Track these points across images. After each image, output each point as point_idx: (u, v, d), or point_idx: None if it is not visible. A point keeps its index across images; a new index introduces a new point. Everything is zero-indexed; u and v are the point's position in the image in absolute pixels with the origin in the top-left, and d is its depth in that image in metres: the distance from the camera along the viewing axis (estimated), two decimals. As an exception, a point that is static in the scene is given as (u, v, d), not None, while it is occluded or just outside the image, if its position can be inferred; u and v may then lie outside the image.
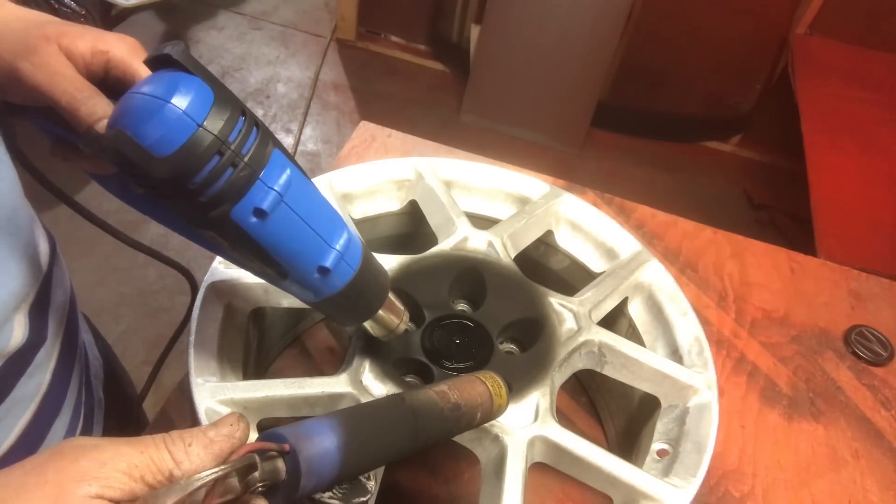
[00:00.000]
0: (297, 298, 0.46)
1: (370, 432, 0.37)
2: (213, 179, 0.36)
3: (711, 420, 0.54)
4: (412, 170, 0.71)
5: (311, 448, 0.33)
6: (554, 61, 2.46)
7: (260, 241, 0.39)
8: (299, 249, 0.41)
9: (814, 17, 2.38)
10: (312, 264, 0.43)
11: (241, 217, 0.38)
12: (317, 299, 0.45)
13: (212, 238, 0.40)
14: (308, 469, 0.33)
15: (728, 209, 2.55)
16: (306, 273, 0.43)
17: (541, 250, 0.73)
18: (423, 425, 0.39)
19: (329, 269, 0.43)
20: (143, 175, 0.35)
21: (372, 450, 0.36)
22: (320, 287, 0.44)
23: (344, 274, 0.44)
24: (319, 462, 0.34)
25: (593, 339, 0.57)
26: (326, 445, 0.34)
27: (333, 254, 0.43)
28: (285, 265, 0.41)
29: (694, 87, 2.67)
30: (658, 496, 0.49)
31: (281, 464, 0.32)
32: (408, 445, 0.39)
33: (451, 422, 0.40)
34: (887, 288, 0.86)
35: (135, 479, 0.28)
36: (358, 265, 0.45)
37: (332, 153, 2.48)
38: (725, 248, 0.87)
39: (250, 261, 0.42)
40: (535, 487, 0.63)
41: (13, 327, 0.47)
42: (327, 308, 0.47)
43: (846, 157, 1.85)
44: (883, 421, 0.72)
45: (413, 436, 0.38)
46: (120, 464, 0.28)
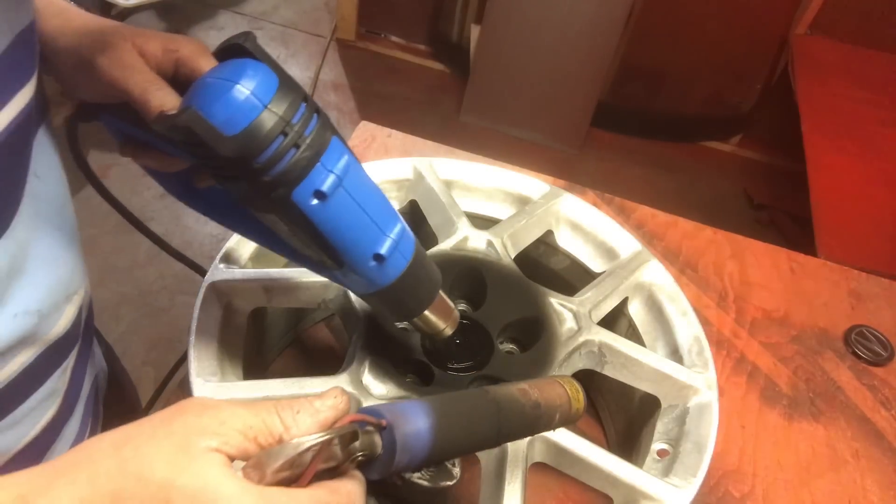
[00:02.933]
0: (351, 290, 0.48)
1: (457, 419, 0.38)
2: (277, 159, 0.37)
3: (711, 420, 0.54)
4: (412, 170, 0.71)
5: (406, 426, 0.35)
6: (554, 61, 2.46)
7: (318, 225, 0.40)
8: (356, 235, 0.42)
9: (814, 17, 2.38)
10: (368, 251, 0.43)
11: (301, 198, 0.39)
12: (371, 290, 0.46)
13: (273, 224, 0.41)
14: (403, 445, 0.34)
15: (728, 209, 2.55)
16: (362, 260, 0.44)
17: (541, 250, 0.73)
18: (505, 419, 0.40)
19: (384, 256, 0.44)
20: (212, 154, 0.37)
21: (459, 436, 0.37)
22: (375, 276, 0.45)
23: (398, 264, 0.45)
24: (413, 440, 0.35)
25: (593, 339, 0.57)
26: (420, 426, 0.35)
27: (389, 242, 0.44)
28: (342, 251, 0.42)
29: (694, 87, 2.67)
30: (658, 496, 0.49)
31: (378, 438, 0.34)
32: (490, 437, 0.39)
33: (532, 419, 0.41)
34: (887, 288, 0.86)
35: (249, 440, 0.31)
36: (411, 257, 0.46)
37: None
38: (725, 248, 0.87)
39: (308, 247, 0.43)
40: (536, 487, 0.63)
41: (61, 316, 0.48)
42: (380, 300, 0.48)
43: (846, 157, 1.85)
44: (883, 421, 0.72)
45: (495, 428, 0.39)
46: (237, 423, 0.31)
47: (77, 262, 0.50)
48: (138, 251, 1.99)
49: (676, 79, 2.65)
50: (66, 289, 0.48)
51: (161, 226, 2.11)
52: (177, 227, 2.13)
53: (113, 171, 2.25)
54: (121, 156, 0.48)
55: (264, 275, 0.58)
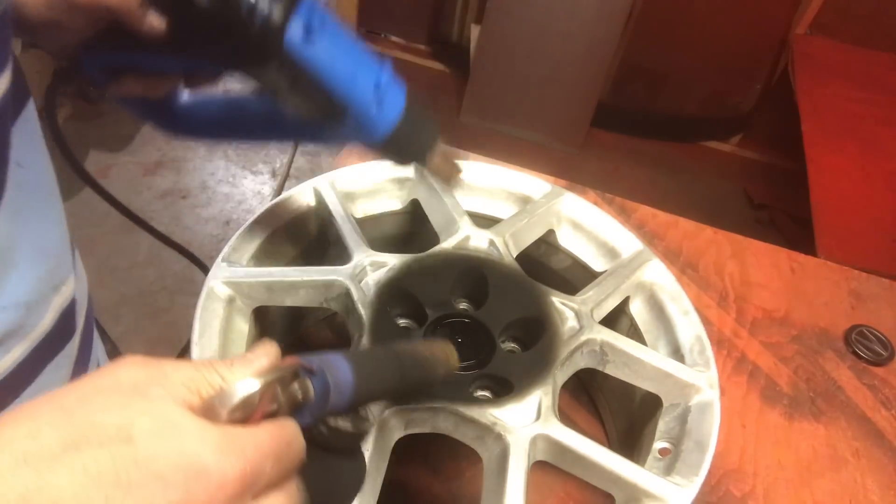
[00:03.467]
0: (362, 142, 0.49)
1: (370, 366, 0.40)
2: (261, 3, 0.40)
3: (713, 419, 0.54)
4: (414, 169, 0.71)
5: (334, 372, 0.36)
6: (554, 61, 2.46)
7: (315, 62, 0.42)
8: (352, 67, 0.44)
9: (814, 17, 2.38)
10: (367, 89, 0.45)
11: (293, 39, 0.41)
12: (377, 136, 0.48)
13: (272, 84, 0.43)
14: (334, 387, 0.36)
15: (728, 209, 2.56)
16: (363, 100, 0.45)
17: (542, 249, 0.73)
18: (405, 367, 0.43)
19: (382, 92, 0.46)
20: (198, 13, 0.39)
21: (373, 381, 0.40)
22: (378, 119, 0.47)
23: (397, 100, 0.47)
24: (342, 385, 0.36)
25: (595, 338, 0.57)
26: (344, 371, 0.37)
27: (383, 77, 0.46)
28: (343, 88, 0.44)
29: (694, 87, 2.68)
30: (660, 495, 0.49)
31: (310, 383, 0.35)
32: (396, 384, 0.42)
33: (424, 368, 0.44)
34: (887, 288, 0.86)
35: (192, 392, 0.29)
36: (406, 95, 0.48)
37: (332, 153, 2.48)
38: (726, 248, 0.87)
39: (310, 100, 0.45)
40: (537, 486, 0.63)
41: (48, 308, 0.48)
42: (386, 147, 0.49)
43: (846, 157, 1.86)
44: (883, 421, 0.72)
45: (399, 375, 0.42)
46: (179, 376, 0.30)
47: (64, 252, 0.50)
48: (138, 251, 1.99)
49: (676, 79, 2.66)
50: (52, 279, 0.48)
51: (161, 226, 2.09)
52: (177, 227, 2.13)
53: (113, 171, 2.25)
54: (111, 96, 0.48)
55: (266, 274, 0.59)
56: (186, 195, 2.24)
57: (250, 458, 0.28)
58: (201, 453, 0.27)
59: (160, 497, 0.25)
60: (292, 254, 0.67)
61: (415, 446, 0.52)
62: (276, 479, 0.30)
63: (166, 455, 0.26)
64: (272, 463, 0.30)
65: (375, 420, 0.46)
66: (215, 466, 0.27)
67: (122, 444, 0.25)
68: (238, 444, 0.28)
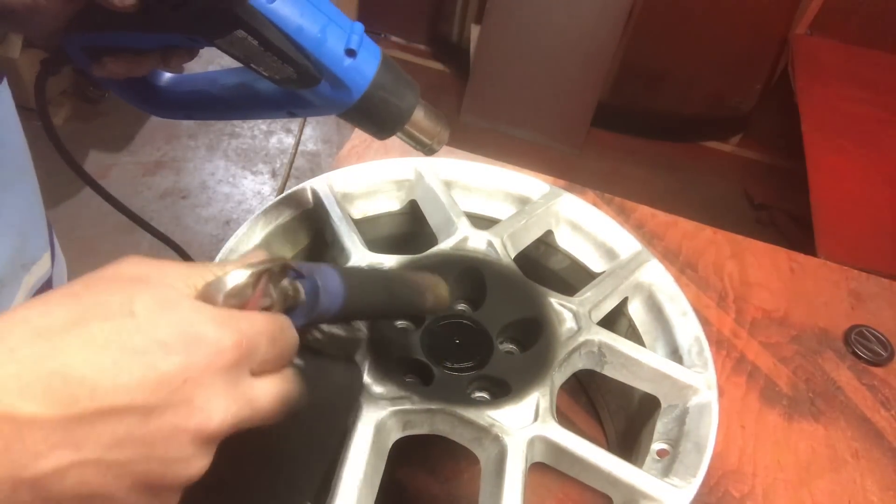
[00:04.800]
0: (336, 110, 0.49)
1: (360, 281, 0.41)
2: None
3: (711, 420, 0.54)
4: (412, 170, 0.71)
5: (324, 278, 0.37)
6: (554, 61, 2.46)
7: (283, 25, 0.43)
8: (321, 31, 0.45)
9: (814, 17, 2.38)
10: (339, 47, 0.45)
11: (257, 0, 0.42)
12: (355, 96, 0.47)
13: (244, 50, 0.44)
14: (324, 290, 0.37)
15: (728, 209, 2.56)
16: (336, 59, 0.45)
17: (541, 250, 0.73)
18: (394, 288, 0.44)
19: (355, 50, 0.46)
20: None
21: (362, 294, 0.40)
22: (353, 77, 0.46)
23: (370, 61, 0.47)
24: (332, 289, 0.37)
25: (593, 339, 0.57)
26: (334, 279, 0.38)
27: (354, 36, 0.46)
28: (314, 51, 0.45)
29: (694, 87, 2.68)
30: (658, 496, 0.49)
31: (300, 285, 0.36)
32: (386, 301, 0.43)
33: (413, 292, 0.45)
34: (887, 288, 0.86)
35: (189, 285, 0.31)
36: (380, 54, 0.48)
37: (332, 153, 2.48)
38: (725, 248, 0.87)
39: (284, 63, 0.44)
40: (535, 487, 0.63)
41: (19, 287, 0.48)
42: (365, 111, 0.49)
43: (846, 157, 1.86)
44: (883, 421, 0.72)
45: (388, 294, 0.43)
46: (178, 271, 0.31)
47: (36, 230, 0.51)
48: (138, 251, 1.98)
49: (676, 79, 2.65)
50: (21, 257, 0.48)
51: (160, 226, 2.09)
52: (177, 227, 2.13)
53: (113, 171, 2.25)
54: (95, 75, 0.49)
55: (264, 275, 0.58)
56: (186, 195, 2.24)
57: (245, 332, 0.30)
58: (199, 324, 0.29)
59: (162, 361, 0.27)
60: (290, 255, 0.67)
61: (413, 448, 0.52)
62: (272, 361, 0.32)
63: (167, 325, 0.28)
64: (267, 342, 0.31)
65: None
66: (213, 335, 0.29)
67: (126, 317, 0.27)
68: (233, 319, 0.30)
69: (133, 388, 0.26)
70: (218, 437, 0.29)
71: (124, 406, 0.26)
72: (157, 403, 0.27)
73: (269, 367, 0.32)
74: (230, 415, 0.29)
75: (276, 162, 2.42)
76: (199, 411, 0.28)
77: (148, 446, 0.27)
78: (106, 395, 0.26)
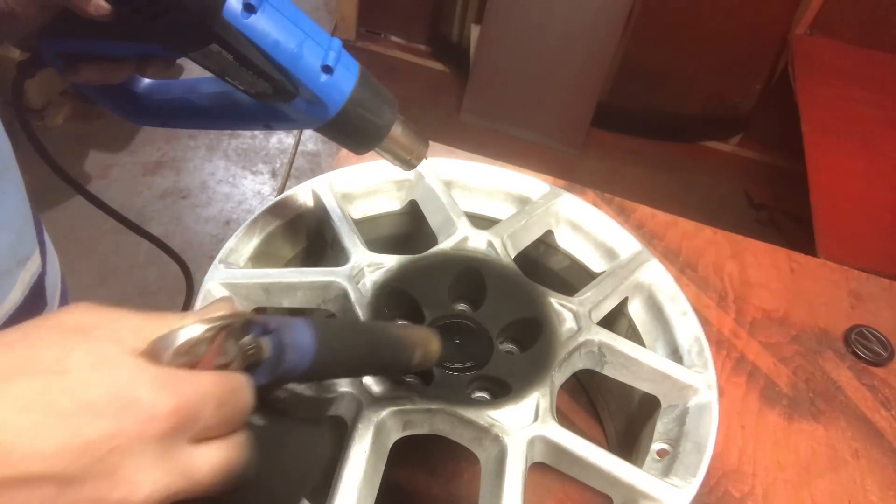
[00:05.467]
0: (313, 125, 0.49)
1: (337, 338, 0.39)
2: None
3: (711, 420, 0.54)
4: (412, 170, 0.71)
5: (294, 334, 0.35)
6: (554, 61, 2.46)
7: (258, 40, 0.43)
8: (297, 47, 0.44)
9: (814, 17, 2.38)
10: (315, 63, 0.45)
11: (232, 15, 0.42)
12: (332, 112, 0.47)
13: (220, 65, 0.43)
14: (291, 347, 0.35)
15: (728, 209, 2.55)
16: (312, 75, 0.45)
17: (541, 250, 0.73)
18: (376, 345, 0.42)
19: (331, 66, 0.46)
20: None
21: (337, 353, 0.39)
22: (330, 93, 0.46)
23: (348, 77, 0.47)
24: (299, 347, 0.35)
25: (593, 339, 0.57)
26: (304, 335, 0.36)
27: (331, 53, 0.46)
28: (290, 66, 0.44)
29: (694, 87, 2.67)
30: (658, 496, 0.49)
31: (266, 341, 0.34)
32: (364, 360, 0.42)
33: (398, 349, 0.43)
34: (887, 288, 0.86)
35: (138, 338, 0.29)
36: (358, 70, 0.48)
37: (332, 153, 2.48)
38: (725, 248, 0.87)
39: (260, 77, 0.44)
40: (535, 487, 0.63)
41: (15, 282, 0.49)
42: (346, 125, 0.49)
43: (846, 157, 1.85)
44: (883, 421, 0.72)
45: (368, 352, 0.41)
46: (128, 322, 0.29)
47: (26, 226, 0.51)
48: (138, 251, 1.99)
49: (676, 79, 2.65)
50: (15, 253, 0.49)
51: (161, 226, 2.11)
52: (177, 227, 2.13)
53: (113, 171, 2.25)
54: (70, 81, 0.49)
55: (264, 275, 0.58)
56: (186, 195, 2.24)
57: (187, 396, 0.28)
58: (134, 386, 0.26)
59: (89, 426, 0.25)
60: (290, 255, 0.67)
61: (413, 448, 0.52)
62: (218, 426, 0.30)
63: (98, 385, 0.26)
64: (213, 406, 0.29)
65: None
66: (147, 399, 0.26)
67: (56, 375, 0.25)
68: (175, 381, 0.28)
69: (51, 454, 0.24)
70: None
71: (40, 474, 0.24)
72: (77, 473, 0.25)
73: (213, 432, 0.29)
74: (160, 486, 0.27)
75: (276, 162, 2.42)
76: (124, 483, 0.25)
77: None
78: (21, 461, 0.24)
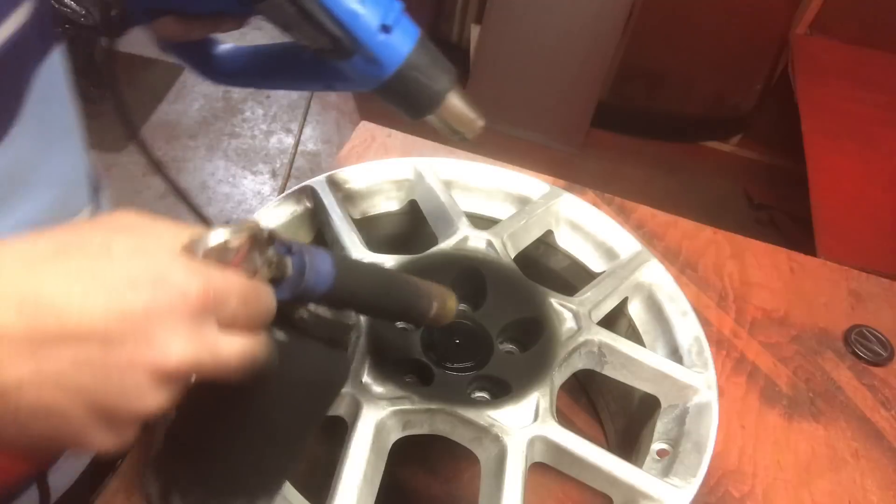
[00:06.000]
0: (362, 84, 0.50)
1: (353, 270, 0.42)
2: None
3: (711, 420, 0.54)
4: (412, 170, 0.71)
5: (315, 258, 0.38)
6: (554, 61, 2.46)
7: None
8: (357, 5, 0.45)
9: (814, 17, 2.38)
10: (374, 21, 0.46)
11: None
12: (387, 72, 0.48)
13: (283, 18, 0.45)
14: (311, 268, 0.37)
15: (728, 209, 2.55)
16: (370, 33, 0.46)
17: (541, 250, 0.73)
18: (394, 286, 0.45)
19: (390, 26, 0.46)
20: None
21: (355, 283, 0.41)
22: (387, 55, 0.47)
23: (405, 40, 0.48)
24: (321, 269, 0.38)
25: (593, 339, 0.57)
26: (325, 262, 0.38)
27: (391, 13, 0.47)
28: (348, 24, 0.45)
29: (694, 87, 2.67)
30: (658, 496, 0.49)
31: (288, 260, 0.36)
32: (381, 299, 0.44)
33: (414, 296, 0.45)
34: (887, 288, 0.86)
35: (176, 242, 0.32)
36: (418, 34, 0.48)
37: (332, 153, 2.48)
38: (725, 248, 0.86)
39: (319, 34, 0.46)
40: (535, 487, 0.63)
41: None
42: (398, 90, 0.49)
43: (846, 157, 1.85)
44: (883, 421, 0.72)
45: (385, 291, 0.44)
46: (169, 227, 0.33)
47: (80, 183, 0.53)
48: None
49: (676, 79, 2.65)
50: (66, 207, 0.51)
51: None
52: (177, 227, 2.13)
53: (113, 171, 2.25)
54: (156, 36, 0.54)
55: (264, 275, 0.58)
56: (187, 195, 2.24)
57: (215, 283, 0.31)
58: (169, 270, 0.30)
59: (129, 296, 0.29)
60: (290, 255, 0.67)
61: (413, 448, 0.52)
62: (243, 320, 0.33)
63: (138, 266, 0.30)
64: (237, 299, 0.32)
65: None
66: (180, 280, 0.30)
67: (103, 255, 0.30)
68: (205, 271, 0.31)
69: (97, 316, 0.28)
70: (176, 377, 0.30)
71: (87, 332, 0.28)
72: (117, 335, 0.28)
73: (238, 325, 0.33)
74: (189, 355, 0.30)
75: (276, 162, 2.41)
76: (157, 348, 0.29)
77: (105, 373, 0.28)
78: (71, 319, 0.28)
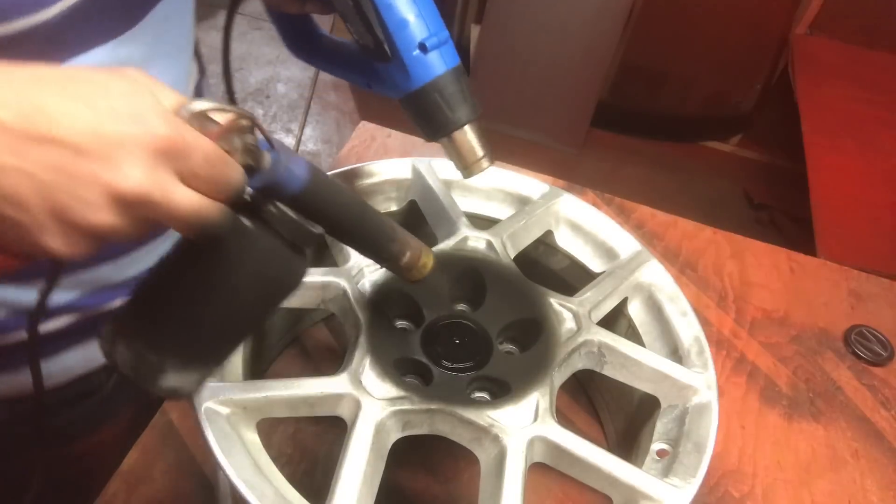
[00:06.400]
0: (392, 91, 0.53)
1: (327, 184, 0.43)
2: None
3: (711, 420, 0.54)
4: (411, 170, 0.71)
5: (291, 160, 0.40)
6: (554, 61, 2.46)
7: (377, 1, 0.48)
8: (406, 19, 0.49)
9: (814, 17, 2.38)
10: (415, 38, 0.50)
11: None
12: (413, 85, 0.52)
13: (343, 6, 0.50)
14: (286, 165, 0.39)
15: (728, 209, 2.55)
16: (408, 47, 0.50)
17: (540, 250, 0.73)
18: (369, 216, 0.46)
19: (427, 47, 0.50)
20: None
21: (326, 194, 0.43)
22: (416, 70, 0.51)
23: (441, 63, 0.51)
24: (295, 171, 0.40)
25: (593, 340, 0.57)
26: (301, 165, 0.40)
27: (434, 38, 0.51)
28: (393, 32, 0.50)
29: (694, 87, 2.67)
30: (658, 496, 0.48)
31: (267, 154, 0.39)
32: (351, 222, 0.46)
33: (388, 234, 0.47)
34: (887, 288, 0.86)
35: (169, 101, 0.36)
36: (454, 65, 0.52)
37: (332, 153, 2.48)
38: (725, 248, 0.87)
39: (366, 27, 0.50)
40: (535, 488, 0.63)
41: None
42: (417, 105, 0.53)
43: (846, 157, 1.85)
44: (883, 421, 0.72)
45: (357, 216, 0.45)
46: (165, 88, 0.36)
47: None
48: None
49: (676, 79, 2.65)
50: None
51: (161, 226, 2.10)
52: (177, 227, 2.13)
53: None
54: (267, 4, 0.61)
55: (264, 275, 0.58)
56: (186, 196, 2.24)
57: (184, 135, 0.35)
58: (150, 112, 0.34)
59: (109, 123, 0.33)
60: (290, 255, 0.67)
61: (413, 448, 0.52)
62: (204, 179, 0.36)
63: (126, 104, 0.34)
64: (201, 157, 0.35)
65: None
66: (154, 122, 0.34)
67: (100, 90, 0.34)
68: (180, 124, 0.35)
69: (78, 131, 0.32)
70: (126, 202, 0.33)
71: (66, 141, 0.32)
72: (89, 150, 0.33)
73: (199, 184, 0.35)
74: (142, 186, 0.33)
75: (276, 162, 2.41)
76: (116, 170, 0.33)
77: (68, 177, 0.32)
78: (59, 128, 0.32)
